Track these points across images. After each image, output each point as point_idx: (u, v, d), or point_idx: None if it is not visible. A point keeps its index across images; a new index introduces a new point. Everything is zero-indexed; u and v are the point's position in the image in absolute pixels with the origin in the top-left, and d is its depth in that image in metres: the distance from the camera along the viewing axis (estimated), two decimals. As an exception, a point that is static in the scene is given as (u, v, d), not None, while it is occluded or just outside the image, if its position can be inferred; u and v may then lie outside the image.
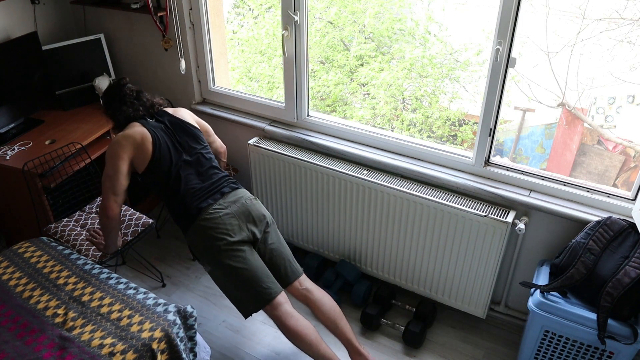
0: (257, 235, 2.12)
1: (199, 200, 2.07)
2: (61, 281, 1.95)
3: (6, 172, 2.47)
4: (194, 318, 1.87)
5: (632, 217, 2.00)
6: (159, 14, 2.69)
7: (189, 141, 2.19)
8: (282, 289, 2.11)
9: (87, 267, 2.03)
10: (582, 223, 2.07)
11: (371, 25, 5.55)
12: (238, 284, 2.05)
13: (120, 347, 1.67)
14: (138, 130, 2.10)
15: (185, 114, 2.29)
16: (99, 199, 2.65)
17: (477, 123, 2.71)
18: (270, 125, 2.75)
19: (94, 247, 2.32)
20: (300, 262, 2.63)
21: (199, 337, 1.96)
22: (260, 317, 2.55)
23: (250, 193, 2.14)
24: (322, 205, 2.63)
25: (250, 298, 2.05)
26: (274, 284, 2.08)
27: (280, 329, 2.07)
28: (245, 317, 2.08)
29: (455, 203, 2.26)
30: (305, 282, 2.22)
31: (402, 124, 5.31)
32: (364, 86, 5.56)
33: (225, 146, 2.57)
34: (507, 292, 2.46)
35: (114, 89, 2.24)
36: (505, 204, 2.24)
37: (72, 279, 1.96)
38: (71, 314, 1.80)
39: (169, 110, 2.28)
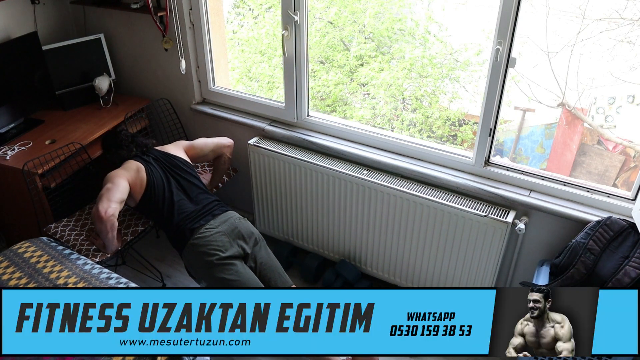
0: (247, 250, 2.25)
1: (192, 222, 2.25)
2: (61, 281, 1.95)
3: (6, 172, 2.47)
4: (194, 318, 1.87)
5: (632, 217, 2.00)
6: (159, 14, 2.69)
7: (178, 171, 2.42)
8: None
9: (87, 267, 2.03)
10: (582, 223, 2.07)
11: (371, 25, 5.55)
12: None
13: (120, 347, 1.67)
14: (134, 162, 2.38)
15: (170, 148, 2.55)
16: (99, 199, 2.65)
17: (477, 123, 2.71)
18: (270, 125, 2.75)
19: (94, 247, 2.32)
20: (301, 262, 2.62)
21: (199, 337, 1.96)
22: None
23: (250, 194, 2.15)
24: (322, 205, 2.63)
25: None
26: None
27: None
28: None
29: (455, 203, 2.26)
30: None
31: (402, 124, 5.30)
32: (364, 86, 5.55)
33: (231, 140, 2.67)
34: (507, 292, 2.46)
35: (112, 136, 2.56)
36: (505, 204, 2.24)
37: (72, 279, 1.96)
38: (71, 314, 1.80)
39: (158, 147, 2.55)
